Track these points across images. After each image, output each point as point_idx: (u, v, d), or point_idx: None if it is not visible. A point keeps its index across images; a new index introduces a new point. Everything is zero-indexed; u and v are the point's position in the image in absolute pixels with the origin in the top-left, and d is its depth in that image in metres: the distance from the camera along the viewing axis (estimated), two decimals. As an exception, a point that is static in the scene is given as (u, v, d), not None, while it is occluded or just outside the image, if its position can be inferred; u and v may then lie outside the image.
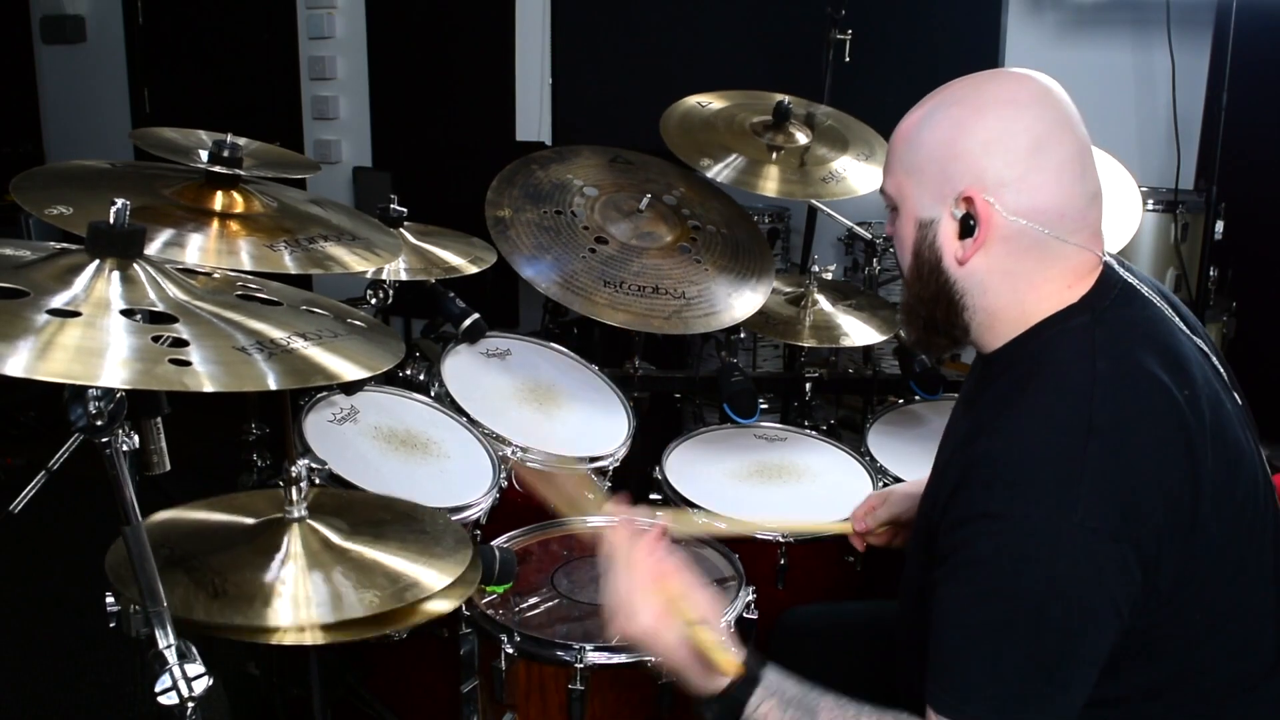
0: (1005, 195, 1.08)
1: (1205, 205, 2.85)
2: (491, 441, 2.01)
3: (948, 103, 1.12)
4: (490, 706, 1.54)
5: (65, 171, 1.46)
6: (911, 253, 1.16)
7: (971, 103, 1.11)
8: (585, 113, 4.13)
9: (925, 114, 1.14)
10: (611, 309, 2.00)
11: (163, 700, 1.01)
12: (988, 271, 1.11)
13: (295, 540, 1.32)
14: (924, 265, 1.15)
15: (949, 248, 1.12)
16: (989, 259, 1.10)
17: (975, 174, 1.08)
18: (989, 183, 1.08)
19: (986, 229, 1.09)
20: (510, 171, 2.26)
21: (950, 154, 1.10)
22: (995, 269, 1.11)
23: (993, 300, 1.13)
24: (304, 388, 1.60)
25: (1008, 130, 1.08)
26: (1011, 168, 1.07)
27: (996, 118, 1.09)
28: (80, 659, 2.54)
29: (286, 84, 4.67)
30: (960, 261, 1.12)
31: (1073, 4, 3.33)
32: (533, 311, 3.87)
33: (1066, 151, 1.09)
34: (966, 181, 1.09)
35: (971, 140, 1.09)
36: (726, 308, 2.12)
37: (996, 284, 1.12)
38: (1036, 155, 1.08)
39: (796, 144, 2.54)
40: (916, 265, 1.16)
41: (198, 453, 2.84)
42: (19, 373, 0.82)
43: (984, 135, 1.08)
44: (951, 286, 1.14)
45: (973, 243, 1.10)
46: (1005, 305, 1.12)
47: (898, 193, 1.17)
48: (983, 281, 1.12)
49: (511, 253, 2.07)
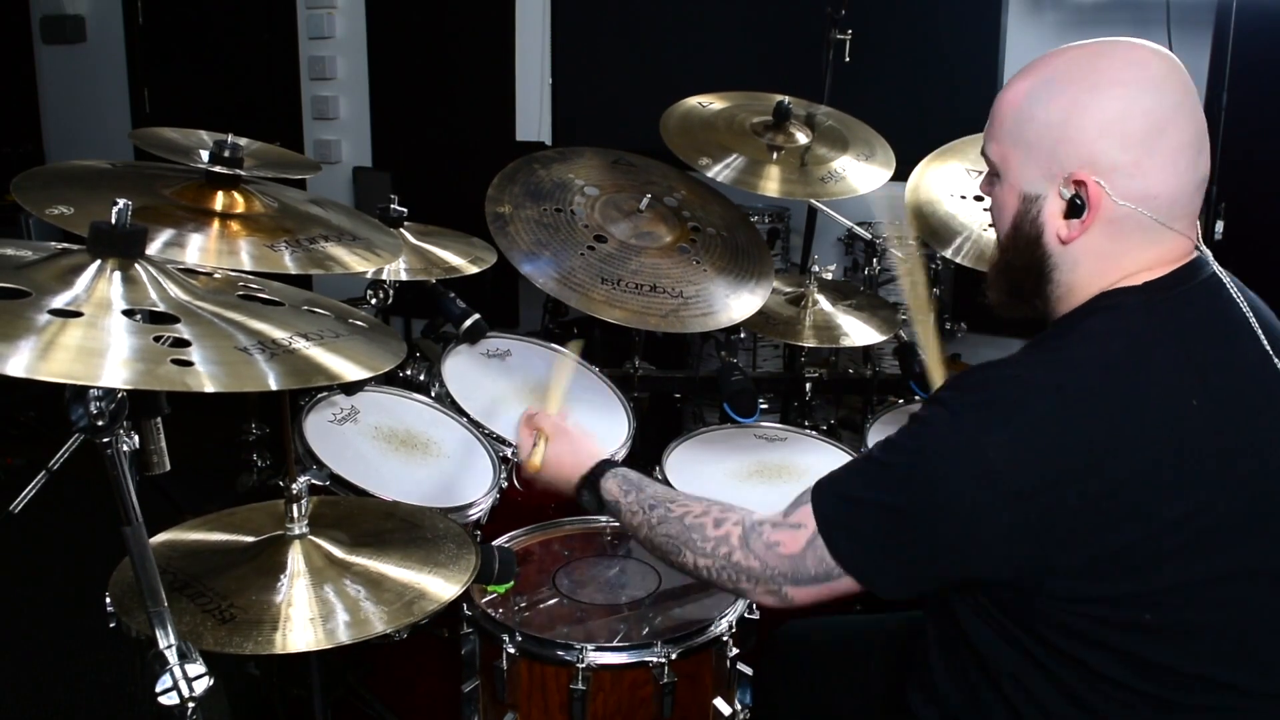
0: (1117, 180, 1.06)
1: (1205, 205, 2.85)
2: (491, 441, 2.01)
3: (1062, 78, 1.09)
4: (491, 706, 1.54)
5: (65, 171, 1.46)
6: (1012, 223, 1.15)
7: (1088, 81, 1.07)
8: (585, 113, 4.13)
9: (1037, 86, 1.11)
10: (609, 306, 2.00)
11: (163, 700, 1.01)
12: (1085, 251, 1.10)
13: (298, 558, 1.32)
14: (1022, 237, 1.14)
15: (1052, 225, 1.11)
16: (1090, 239, 1.09)
17: (1088, 157, 1.06)
18: (1102, 167, 1.06)
19: (1096, 212, 1.07)
20: (512, 169, 2.26)
21: (1063, 134, 1.07)
22: (1093, 249, 1.10)
23: (1080, 276, 1.12)
24: (304, 388, 1.60)
25: (1125, 113, 1.05)
26: (1127, 152, 1.05)
27: (1113, 99, 1.06)
28: (80, 659, 2.54)
29: (286, 84, 4.67)
30: (1064, 241, 1.10)
31: (1073, 4, 3.33)
32: (533, 311, 3.87)
33: (1183, 136, 1.06)
34: (1078, 163, 1.07)
35: (1087, 121, 1.06)
36: (724, 308, 2.12)
37: (1090, 262, 1.11)
38: (1152, 140, 1.05)
39: (797, 144, 2.54)
40: (1014, 235, 1.15)
41: (198, 453, 2.85)
42: (20, 373, 0.82)
43: (1100, 117, 1.05)
44: (1046, 259, 1.13)
45: (1079, 224, 1.08)
46: (1089, 282, 1.11)
47: (1002, 161, 1.15)
48: (1078, 260, 1.11)
49: (510, 249, 2.07)
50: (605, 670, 1.46)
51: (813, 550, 1.11)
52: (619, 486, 1.39)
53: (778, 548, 1.14)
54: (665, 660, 1.46)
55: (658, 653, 1.46)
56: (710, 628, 1.52)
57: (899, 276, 2.78)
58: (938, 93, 3.36)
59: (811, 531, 1.11)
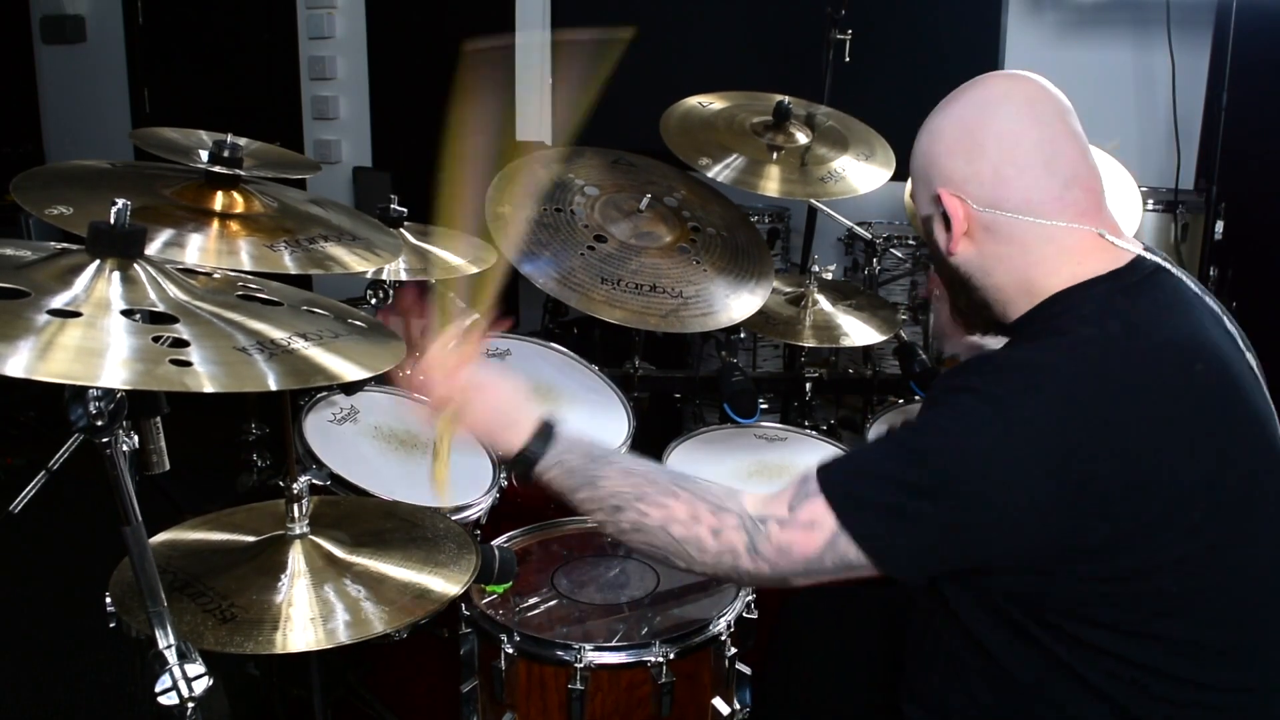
0: (969, 189, 1.18)
1: (1205, 205, 2.85)
2: (491, 441, 2.01)
3: (937, 109, 1.24)
4: (490, 706, 1.55)
5: (65, 171, 1.46)
6: (929, 245, 1.29)
7: (944, 109, 1.23)
8: (585, 113, 4.13)
9: (926, 121, 1.25)
10: (608, 305, 2.00)
11: (163, 700, 1.01)
12: (981, 256, 1.20)
13: (299, 557, 1.32)
14: (933, 256, 1.28)
15: (941, 239, 1.23)
16: (977, 246, 1.20)
17: (944, 175, 1.20)
18: (955, 180, 1.19)
19: (959, 222, 1.19)
20: (512, 169, 2.26)
21: (927, 159, 1.22)
22: (987, 254, 1.20)
23: (999, 279, 1.21)
24: (304, 388, 1.61)
25: (967, 130, 1.19)
26: (971, 164, 1.17)
27: (949, 119, 1.21)
28: (80, 659, 2.54)
29: (286, 84, 4.66)
30: (951, 252, 1.22)
31: (1073, 4, 3.33)
32: (533, 311, 3.87)
33: (1029, 142, 1.16)
34: (938, 182, 1.21)
35: (939, 144, 1.21)
36: (724, 308, 2.12)
37: (993, 266, 1.20)
38: (995, 151, 1.16)
39: (797, 144, 2.54)
40: (932, 255, 1.29)
41: (198, 453, 2.85)
42: (19, 373, 0.82)
43: (948, 137, 1.20)
44: (956, 271, 1.24)
45: (949, 236, 1.20)
46: (1011, 282, 1.20)
47: (915, 195, 1.29)
48: (981, 265, 1.21)
49: (509, 249, 2.07)
50: (604, 670, 1.46)
51: (832, 550, 1.07)
52: (567, 479, 1.21)
53: (791, 550, 1.09)
54: (664, 660, 1.46)
55: (656, 652, 1.46)
56: (709, 627, 1.52)
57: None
58: (938, 93, 3.34)
59: (830, 532, 1.07)
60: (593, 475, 1.19)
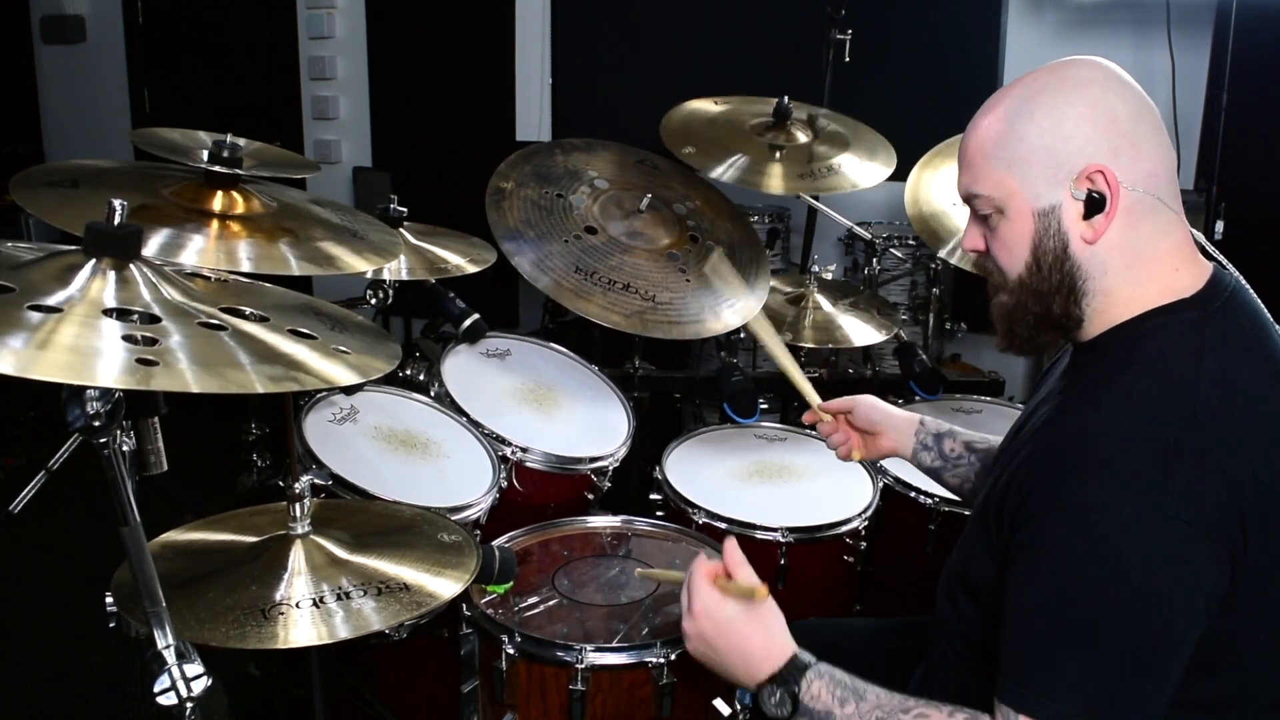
0: (1122, 165, 1.09)
1: (1205, 205, 2.85)
2: (491, 441, 2.01)
3: (1032, 94, 1.12)
4: (490, 707, 1.54)
5: (65, 171, 1.46)
6: (1031, 248, 1.14)
7: (1058, 88, 1.11)
8: (585, 113, 4.12)
9: (1010, 111, 1.13)
10: (575, 295, 2.00)
11: (162, 700, 1.01)
12: (1110, 248, 1.11)
13: (300, 557, 1.32)
14: (1046, 256, 1.14)
15: (1075, 230, 1.12)
16: (1113, 233, 1.11)
17: (1091, 150, 1.09)
18: (1106, 155, 1.09)
19: (1116, 199, 1.09)
20: (530, 150, 2.26)
21: (1058, 137, 1.10)
22: (1117, 244, 1.11)
23: (1111, 280, 1.12)
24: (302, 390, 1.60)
25: (1108, 104, 1.10)
26: (1123, 136, 1.09)
27: (1092, 95, 1.10)
28: (80, 658, 2.54)
29: (286, 84, 4.66)
30: (1090, 241, 1.11)
31: (1073, 4, 3.32)
32: (533, 311, 3.87)
33: (1155, 119, 1.12)
34: (1084, 160, 1.09)
35: (1077, 119, 1.10)
36: (692, 321, 2.09)
37: (1117, 261, 1.12)
38: (1138, 124, 1.10)
39: (798, 143, 2.55)
40: (1036, 259, 1.14)
41: (198, 453, 2.85)
42: (11, 371, 0.81)
43: (1087, 113, 1.09)
44: (1076, 271, 1.13)
45: (1104, 217, 1.10)
46: (1121, 284, 1.12)
47: (1000, 192, 1.14)
48: (1105, 260, 1.12)
49: (497, 222, 2.07)
50: (604, 671, 1.46)
51: None
52: (831, 692, 1.13)
53: None
54: (664, 661, 1.46)
55: (657, 653, 1.46)
56: (709, 628, 1.52)
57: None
58: (938, 93, 3.35)
59: None
60: (858, 688, 1.13)
